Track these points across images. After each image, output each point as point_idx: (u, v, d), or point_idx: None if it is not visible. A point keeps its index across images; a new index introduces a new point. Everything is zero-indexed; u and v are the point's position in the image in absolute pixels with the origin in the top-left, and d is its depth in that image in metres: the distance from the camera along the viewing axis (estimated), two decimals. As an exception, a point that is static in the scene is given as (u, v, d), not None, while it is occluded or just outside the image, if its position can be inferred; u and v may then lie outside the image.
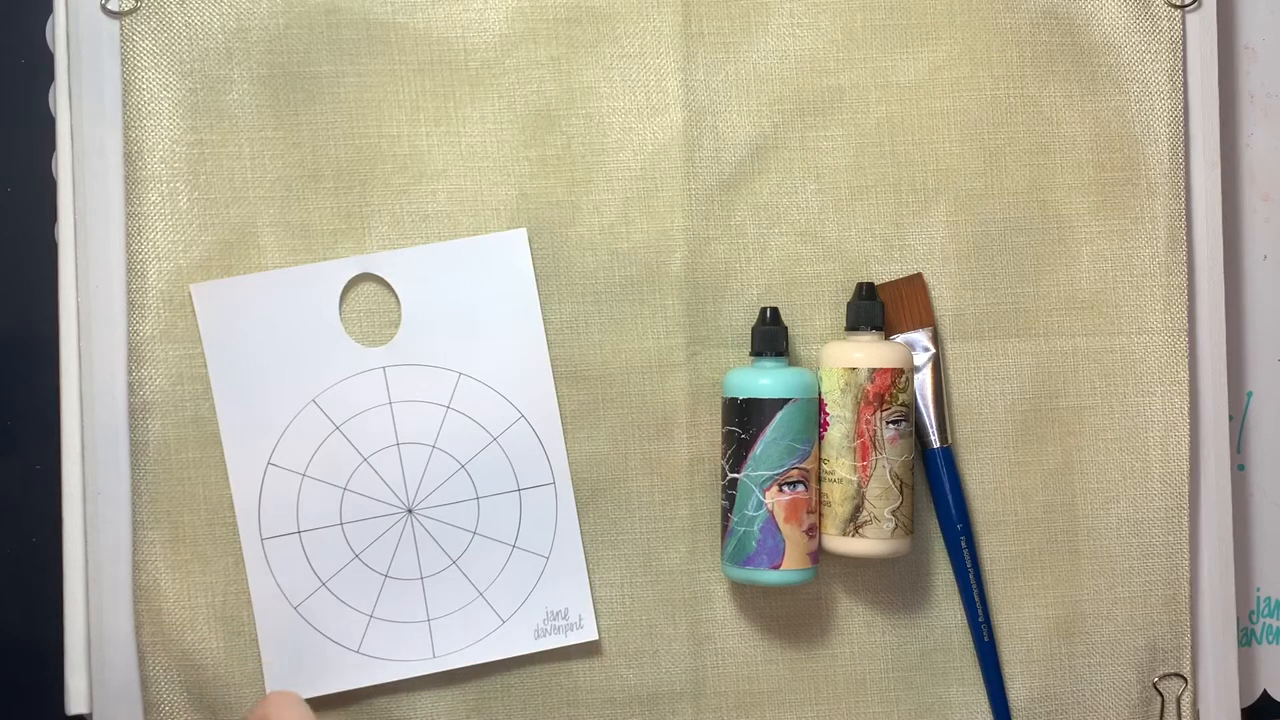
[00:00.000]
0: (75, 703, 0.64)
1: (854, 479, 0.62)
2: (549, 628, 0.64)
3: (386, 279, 0.64)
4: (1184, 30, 0.68)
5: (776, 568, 0.62)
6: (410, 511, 0.63)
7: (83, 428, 0.63)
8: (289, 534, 0.63)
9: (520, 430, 0.64)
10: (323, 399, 0.64)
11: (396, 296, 0.64)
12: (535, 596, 0.64)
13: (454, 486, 0.64)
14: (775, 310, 0.65)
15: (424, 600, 0.64)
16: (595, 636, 0.65)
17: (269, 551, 0.63)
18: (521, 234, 0.65)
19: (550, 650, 0.65)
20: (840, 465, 0.63)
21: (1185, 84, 0.68)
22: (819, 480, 0.64)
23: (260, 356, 0.63)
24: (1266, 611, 0.73)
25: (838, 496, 0.63)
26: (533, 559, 0.64)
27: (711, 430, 0.66)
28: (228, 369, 0.63)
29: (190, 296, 0.63)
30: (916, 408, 0.66)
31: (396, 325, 0.64)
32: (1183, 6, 0.68)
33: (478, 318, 0.64)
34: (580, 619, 0.65)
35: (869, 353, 0.63)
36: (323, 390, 0.64)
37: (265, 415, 0.63)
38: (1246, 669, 0.72)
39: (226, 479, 0.63)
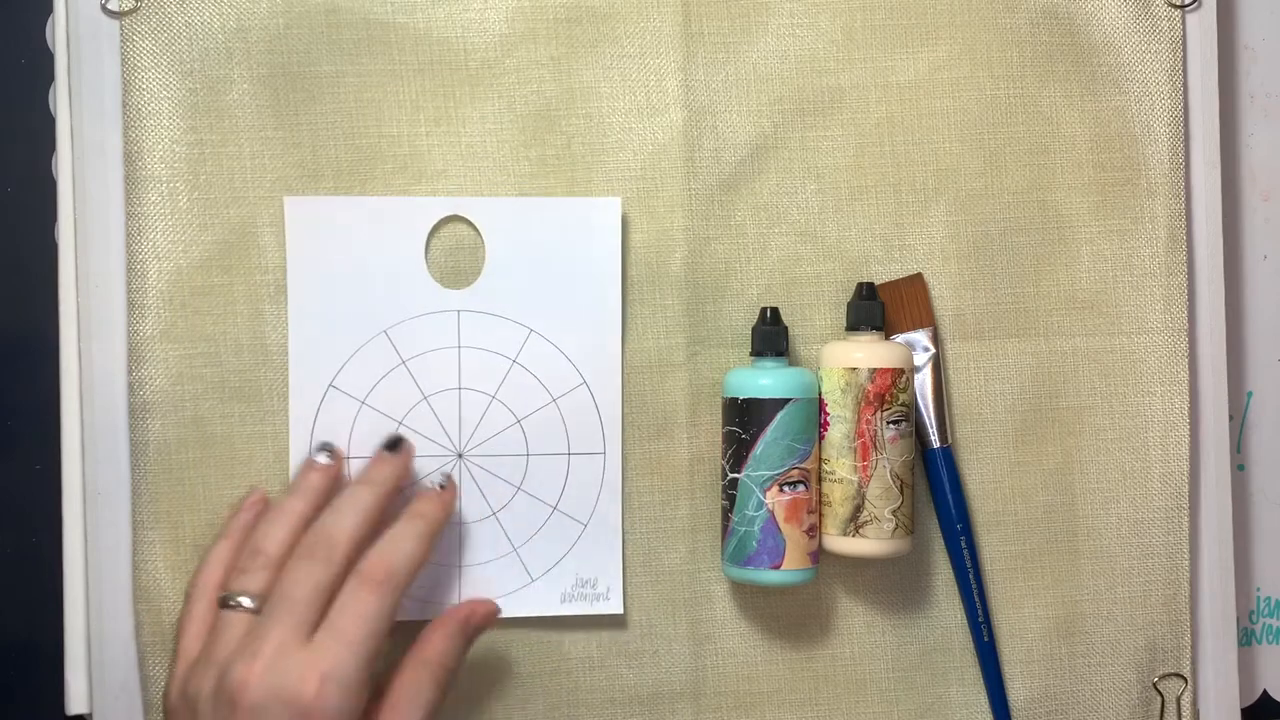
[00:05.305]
0: (75, 703, 0.64)
1: (854, 479, 0.62)
2: (576, 594, 0.64)
3: (476, 224, 0.64)
4: (1184, 30, 0.68)
5: (777, 568, 0.62)
6: (460, 456, 0.63)
7: (83, 428, 0.63)
8: None
9: (580, 396, 0.64)
10: (394, 331, 0.64)
11: (484, 243, 0.64)
12: (567, 561, 0.64)
13: (506, 440, 0.64)
14: (775, 310, 0.65)
15: (458, 545, 0.64)
16: (621, 610, 0.65)
17: None
18: (615, 202, 0.65)
19: (550, 650, 0.65)
20: (840, 465, 0.63)
21: (1185, 84, 0.68)
22: (819, 480, 0.63)
23: (341, 279, 0.63)
24: (1266, 611, 0.73)
25: (838, 496, 0.63)
26: (571, 524, 0.64)
27: (711, 430, 0.66)
28: (306, 286, 0.63)
29: (283, 208, 0.63)
30: (916, 408, 0.66)
31: (478, 273, 0.64)
32: (1183, 6, 0.68)
33: (558, 278, 0.64)
34: (609, 590, 0.64)
35: (869, 353, 0.63)
36: (395, 323, 0.64)
37: (335, 337, 0.63)
38: (1246, 669, 0.72)
39: (227, 479, 0.63)
